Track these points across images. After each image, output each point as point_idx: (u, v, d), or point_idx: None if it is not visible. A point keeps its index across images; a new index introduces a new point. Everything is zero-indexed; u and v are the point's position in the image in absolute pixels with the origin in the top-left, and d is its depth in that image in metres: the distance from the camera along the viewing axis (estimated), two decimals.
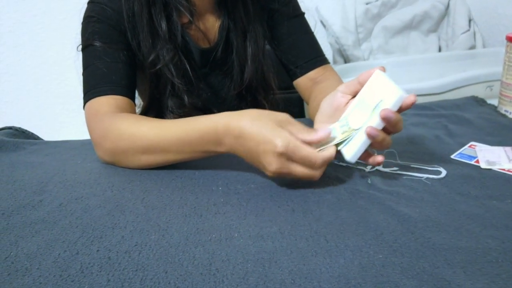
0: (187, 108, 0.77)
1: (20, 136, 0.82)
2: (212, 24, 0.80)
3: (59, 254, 0.43)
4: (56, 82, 1.58)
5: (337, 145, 0.52)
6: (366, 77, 0.54)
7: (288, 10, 0.83)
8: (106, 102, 0.67)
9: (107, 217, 0.50)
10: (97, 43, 0.70)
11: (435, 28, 1.45)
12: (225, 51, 0.80)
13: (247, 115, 0.52)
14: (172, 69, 0.74)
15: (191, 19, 0.74)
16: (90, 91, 0.69)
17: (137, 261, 0.41)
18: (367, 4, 1.40)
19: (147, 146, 0.59)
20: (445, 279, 0.35)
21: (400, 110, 0.50)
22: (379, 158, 0.53)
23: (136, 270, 0.40)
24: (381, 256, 0.39)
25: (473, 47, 1.38)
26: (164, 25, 0.72)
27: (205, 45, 0.80)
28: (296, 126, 0.52)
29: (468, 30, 1.38)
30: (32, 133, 0.83)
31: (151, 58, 0.72)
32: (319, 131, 0.51)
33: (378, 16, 1.43)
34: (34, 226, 0.49)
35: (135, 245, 0.44)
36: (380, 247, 0.40)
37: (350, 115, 0.54)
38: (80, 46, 0.73)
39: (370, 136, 0.50)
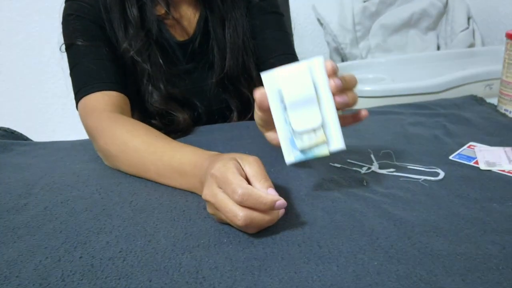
0: (165, 98, 0.75)
1: (9, 137, 0.80)
2: (190, 16, 0.79)
3: (40, 261, 0.42)
4: (51, 81, 1.56)
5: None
6: (261, 97, 0.47)
7: (264, 5, 0.82)
8: (101, 98, 0.67)
9: (92, 221, 0.48)
10: (80, 42, 0.71)
11: (433, 26, 1.43)
12: (206, 41, 0.79)
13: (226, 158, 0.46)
14: (146, 59, 0.73)
15: (167, 10, 0.73)
16: (82, 88, 0.68)
17: (121, 269, 0.39)
18: (364, 2, 1.38)
19: (134, 160, 0.58)
20: (443, 286, 0.34)
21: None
22: (363, 112, 0.51)
23: (119, 278, 0.38)
24: (376, 263, 0.37)
25: (472, 45, 1.37)
26: (135, 12, 0.72)
27: (183, 37, 0.79)
28: (256, 171, 0.44)
29: (467, 28, 1.36)
30: (22, 134, 0.81)
31: (124, 45, 0.72)
32: (274, 196, 0.42)
33: (376, 14, 1.41)
34: (16, 231, 0.48)
35: (120, 252, 0.42)
36: (375, 253, 0.38)
37: (293, 122, 0.45)
38: (64, 46, 0.72)
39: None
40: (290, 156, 0.47)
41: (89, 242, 0.44)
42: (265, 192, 0.42)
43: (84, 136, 0.74)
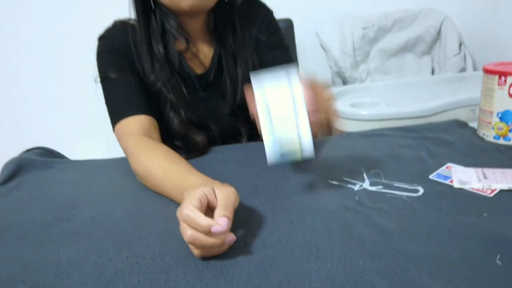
0: (185, 123, 0.86)
1: (48, 155, 0.91)
2: (206, 52, 0.90)
3: (95, 260, 0.52)
4: (77, 102, 1.68)
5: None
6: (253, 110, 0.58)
7: (272, 41, 0.92)
8: (132, 123, 0.78)
9: (132, 228, 0.59)
10: (112, 75, 0.82)
11: (428, 51, 1.54)
12: (219, 75, 0.90)
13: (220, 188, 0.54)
14: (170, 89, 0.84)
15: (187, 46, 0.84)
16: (116, 115, 0.79)
17: (161, 265, 0.50)
18: (364, 29, 1.50)
19: (154, 183, 0.69)
20: (412, 279, 0.44)
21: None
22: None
23: (161, 272, 0.49)
24: (361, 262, 0.47)
25: (463, 69, 1.47)
26: (161, 48, 0.83)
27: (201, 70, 0.90)
28: (220, 200, 0.51)
29: (459, 53, 1.47)
30: (59, 153, 0.93)
31: (151, 78, 0.83)
32: (211, 221, 0.48)
33: (374, 40, 1.52)
34: (71, 236, 0.58)
35: (158, 253, 0.52)
36: (361, 254, 0.49)
37: (277, 131, 0.56)
38: (98, 79, 0.84)
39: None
40: (272, 158, 0.57)
41: (132, 245, 0.55)
42: (217, 218, 0.48)
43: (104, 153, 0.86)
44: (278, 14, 1.08)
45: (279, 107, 0.56)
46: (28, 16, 1.61)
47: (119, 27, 0.86)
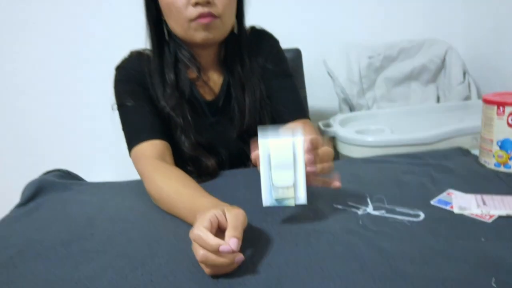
0: (194, 146, 0.90)
1: (66, 178, 0.95)
2: (216, 79, 0.96)
3: (112, 277, 0.55)
4: (95, 128, 1.74)
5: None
6: (255, 158, 0.64)
7: (278, 70, 0.97)
8: (147, 148, 0.82)
9: (147, 247, 0.62)
10: (129, 103, 0.87)
11: (433, 79, 1.58)
12: (228, 101, 0.95)
13: (230, 210, 0.58)
14: (179, 114, 0.89)
15: (198, 74, 0.89)
16: (132, 140, 0.84)
17: (174, 283, 0.53)
18: (370, 58, 1.55)
19: (167, 204, 0.73)
20: None
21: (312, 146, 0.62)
22: (336, 183, 0.66)
23: None
24: (362, 282, 0.50)
25: (468, 97, 1.51)
26: (172, 76, 0.89)
27: (210, 97, 0.95)
28: (230, 221, 0.55)
29: (463, 82, 1.50)
30: (77, 175, 0.97)
31: (161, 103, 0.88)
32: (220, 240, 0.52)
33: (380, 68, 1.57)
34: (88, 254, 0.62)
35: (171, 271, 0.56)
36: (362, 274, 0.51)
37: (274, 179, 0.62)
38: (115, 106, 0.89)
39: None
40: (267, 201, 0.64)
41: (146, 263, 0.58)
42: (227, 239, 0.52)
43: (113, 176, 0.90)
44: (287, 44, 1.13)
45: (279, 157, 0.62)
46: (47, 44, 1.69)
47: (135, 57, 0.92)
